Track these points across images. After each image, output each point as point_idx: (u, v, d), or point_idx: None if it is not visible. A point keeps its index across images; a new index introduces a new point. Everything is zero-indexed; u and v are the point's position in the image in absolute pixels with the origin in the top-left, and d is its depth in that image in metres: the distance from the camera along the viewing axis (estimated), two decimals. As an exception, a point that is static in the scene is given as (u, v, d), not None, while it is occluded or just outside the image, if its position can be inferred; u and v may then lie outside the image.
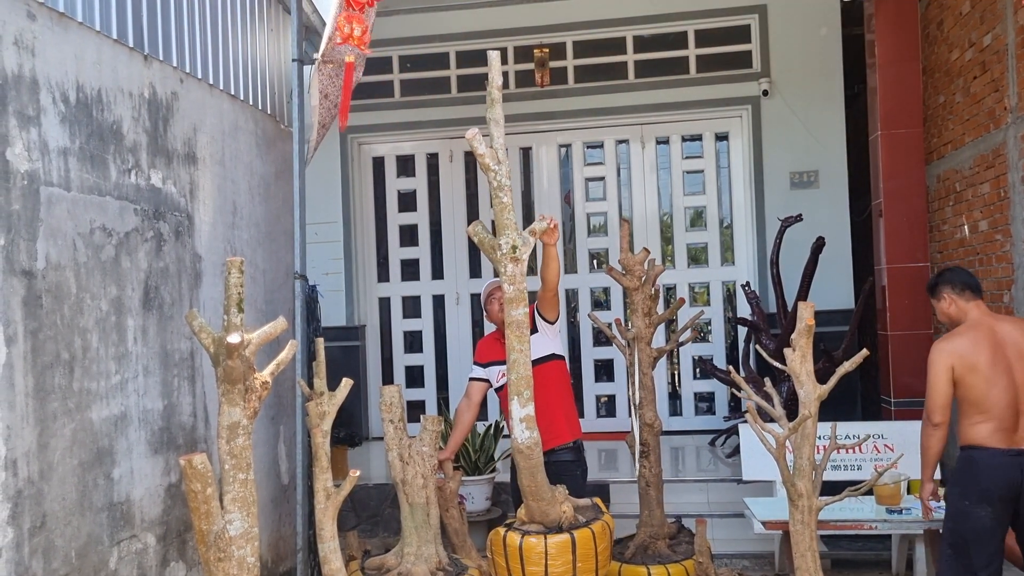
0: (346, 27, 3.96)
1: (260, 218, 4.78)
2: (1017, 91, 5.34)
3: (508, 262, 3.57)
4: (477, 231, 3.64)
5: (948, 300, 3.93)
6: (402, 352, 8.37)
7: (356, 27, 3.98)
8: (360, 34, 4.00)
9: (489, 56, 3.56)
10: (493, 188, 3.59)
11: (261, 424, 4.68)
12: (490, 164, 3.56)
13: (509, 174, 3.63)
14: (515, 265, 3.58)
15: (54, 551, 3.00)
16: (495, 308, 4.45)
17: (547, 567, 3.61)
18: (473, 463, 5.96)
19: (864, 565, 5.38)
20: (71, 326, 3.16)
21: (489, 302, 4.50)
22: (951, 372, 3.75)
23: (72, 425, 3.14)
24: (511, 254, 3.57)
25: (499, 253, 3.58)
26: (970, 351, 3.76)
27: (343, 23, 3.96)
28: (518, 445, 3.60)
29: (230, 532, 2.67)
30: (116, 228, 3.45)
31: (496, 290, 4.47)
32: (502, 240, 3.57)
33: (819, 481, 3.38)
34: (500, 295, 4.44)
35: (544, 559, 3.61)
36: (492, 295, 4.49)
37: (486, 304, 4.54)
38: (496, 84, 3.57)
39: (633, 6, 7.74)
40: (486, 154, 3.55)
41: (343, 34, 3.96)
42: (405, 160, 8.39)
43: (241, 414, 2.72)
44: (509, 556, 3.66)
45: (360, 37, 4.00)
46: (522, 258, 3.60)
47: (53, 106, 3.12)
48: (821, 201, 7.43)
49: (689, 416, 7.97)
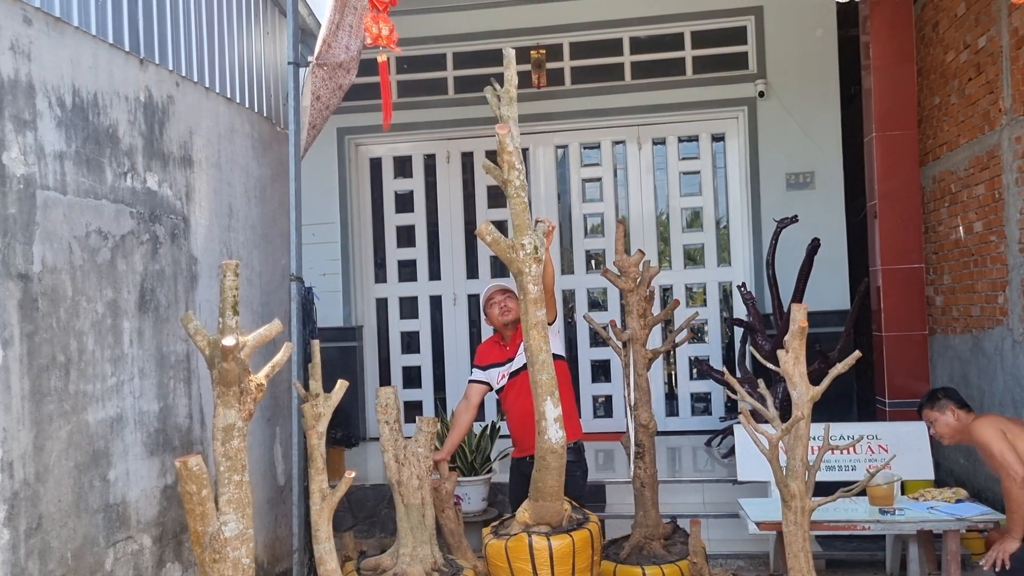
0: (374, 27, 4.02)
1: (256, 220, 4.79)
2: (1012, 93, 5.36)
3: (532, 262, 3.60)
4: (490, 231, 3.61)
5: (951, 411, 4.23)
6: (399, 353, 8.39)
7: (384, 27, 4.03)
8: (388, 33, 4.04)
9: (505, 53, 3.62)
10: (515, 187, 3.62)
11: (257, 426, 4.70)
12: (515, 163, 3.60)
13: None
14: (538, 265, 3.62)
15: (50, 552, 3.02)
16: (495, 312, 4.44)
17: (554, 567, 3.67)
18: (469, 464, 5.97)
19: (858, 566, 5.40)
20: (67, 329, 3.17)
21: (489, 306, 4.49)
22: (1004, 435, 3.97)
23: (68, 427, 3.15)
24: (534, 254, 3.60)
25: (522, 254, 3.60)
26: (1009, 422, 4.07)
27: (371, 24, 4.02)
28: (552, 445, 3.63)
29: (225, 533, 2.68)
30: (112, 231, 3.46)
31: (496, 293, 4.47)
32: (525, 240, 3.60)
33: (812, 482, 3.40)
34: (501, 299, 4.45)
35: (550, 560, 3.67)
36: (492, 299, 4.48)
37: (486, 308, 4.52)
38: (512, 83, 3.61)
39: (630, 8, 7.75)
40: (513, 152, 3.58)
41: (372, 35, 4.02)
42: (402, 161, 8.40)
43: (236, 416, 2.74)
44: (537, 560, 3.69)
45: (388, 36, 4.05)
46: (542, 258, 3.66)
47: (49, 110, 3.14)
48: (817, 202, 7.45)
49: (686, 417, 7.99)
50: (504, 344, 4.52)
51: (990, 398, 5.78)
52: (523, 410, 4.19)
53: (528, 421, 3.93)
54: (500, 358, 4.50)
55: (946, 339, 6.50)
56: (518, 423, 4.39)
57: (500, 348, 4.55)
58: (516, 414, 4.40)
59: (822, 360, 5.95)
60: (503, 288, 4.49)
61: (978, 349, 5.95)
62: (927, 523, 4.30)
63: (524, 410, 4.15)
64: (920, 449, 5.14)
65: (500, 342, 4.56)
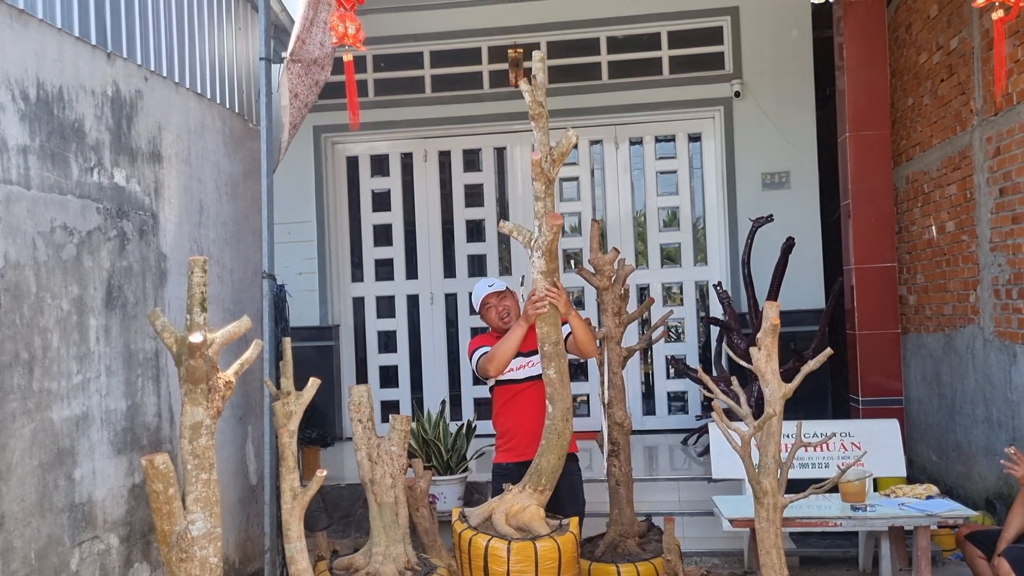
0: (340, 26, 3.97)
1: (228, 217, 4.74)
2: (983, 94, 5.41)
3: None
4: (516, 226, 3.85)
5: None
6: (376, 352, 8.34)
7: (351, 25, 3.99)
8: (355, 32, 4.01)
9: (535, 56, 3.72)
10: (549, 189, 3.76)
11: (228, 424, 4.65)
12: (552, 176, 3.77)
13: None
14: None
15: (13, 552, 2.96)
16: (493, 316, 4.24)
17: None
18: (445, 463, 5.95)
19: (831, 562, 5.43)
20: (31, 325, 3.12)
21: (485, 311, 4.27)
22: None
23: (32, 425, 3.10)
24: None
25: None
26: None
27: (337, 23, 3.97)
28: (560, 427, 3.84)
29: (192, 532, 2.65)
30: (78, 227, 3.41)
31: (490, 298, 4.25)
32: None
33: (784, 479, 3.40)
34: (496, 302, 4.30)
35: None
36: (487, 303, 4.26)
37: (482, 313, 4.31)
38: (539, 81, 3.70)
39: (607, 7, 7.76)
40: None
41: (338, 34, 3.97)
42: (379, 160, 8.37)
43: (204, 414, 2.70)
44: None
45: (355, 35, 4.01)
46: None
47: (12, 103, 3.09)
48: (792, 202, 7.50)
49: (662, 415, 8.01)
50: None
51: (962, 396, 5.84)
52: (536, 412, 3.99)
53: (539, 425, 3.88)
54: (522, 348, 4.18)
55: (919, 338, 6.56)
56: (529, 425, 4.07)
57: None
58: (528, 415, 4.10)
59: (797, 359, 5.98)
60: (496, 291, 4.27)
61: (950, 347, 6.01)
62: (898, 519, 4.33)
63: (537, 412, 3.97)
64: (892, 446, 5.18)
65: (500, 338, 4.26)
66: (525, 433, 4.09)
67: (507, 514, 3.72)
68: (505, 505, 3.76)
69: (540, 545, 3.57)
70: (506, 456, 4.20)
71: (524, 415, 4.12)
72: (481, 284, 4.37)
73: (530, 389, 4.11)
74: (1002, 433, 5.26)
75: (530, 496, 3.76)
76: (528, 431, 4.06)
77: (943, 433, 6.20)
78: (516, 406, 4.17)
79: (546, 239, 3.77)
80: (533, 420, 4.00)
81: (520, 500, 3.76)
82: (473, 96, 7.97)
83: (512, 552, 3.54)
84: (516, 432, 4.17)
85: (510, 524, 3.69)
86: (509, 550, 3.54)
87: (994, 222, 5.29)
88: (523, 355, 4.16)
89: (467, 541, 3.66)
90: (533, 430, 3.98)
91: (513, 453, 4.16)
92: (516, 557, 3.54)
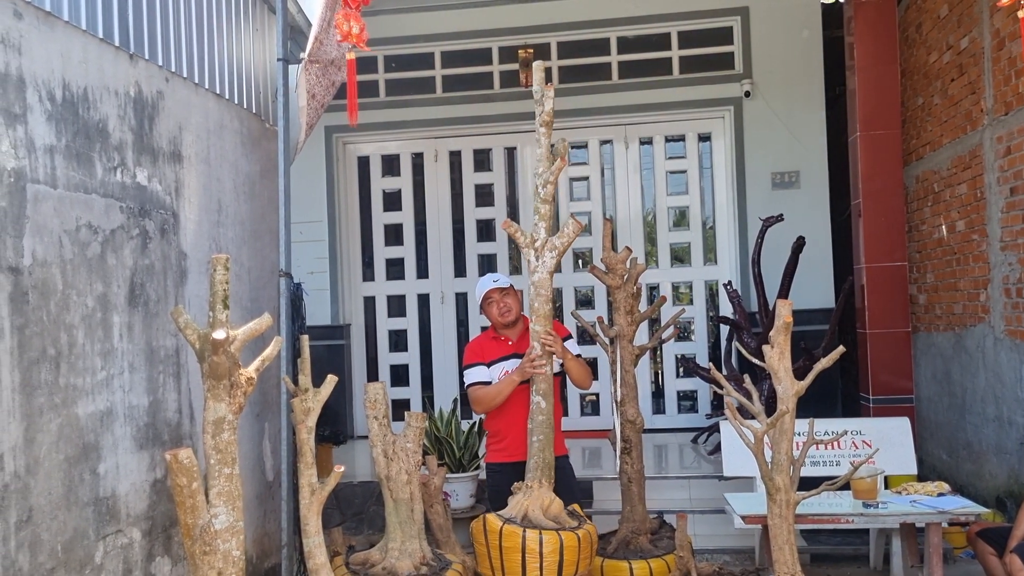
0: (345, 25, 4.01)
1: (245, 216, 4.80)
2: (993, 93, 5.44)
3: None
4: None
5: None
6: (387, 351, 8.40)
7: (355, 25, 4.04)
8: (359, 31, 4.05)
9: (535, 66, 3.94)
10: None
11: (246, 421, 4.70)
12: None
13: None
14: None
15: (40, 545, 3.02)
16: (494, 311, 4.30)
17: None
18: (457, 460, 6.00)
19: (843, 559, 5.46)
20: (57, 322, 3.18)
21: (487, 305, 4.33)
22: None
23: (58, 420, 3.16)
24: None
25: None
26: None
27: (342, 21, 4.01)
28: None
29: (215, 526, 2.70)
30: (102, 225, 3.47)
31: (493, 292, 4.30)
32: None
33: (797, 476, 3.44)
34: (499, 297, 4.34)
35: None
36: (489, 298, 4.31)
37: (483, 307, 4.37)
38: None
39: (617, 8, 7.80)
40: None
41: (343, 32, 4.01)
42: (390, 160, 8.42)
43: (226, 409, 2.76)
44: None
45: (359, 35, 4.05)
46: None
47: (39, 104, 3.14)
48: (802, 201, 7.53)
49: (672, 414, 8.04)
50: (505, 339, 4.35)
51: (972, 394, 5.86)
52: (526, 413, 4.05)
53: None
54: (506, 352, 4.31)
55: (929, 337, 6.58)
56: (521, 425, 4.13)
57: (499, 343, 4.36)
58: (519, 416, 4.15)
59: (807, 358, 6.00)
60: (500, 287, 4.33)
61: (960, 346, 6.03)
62: (910, 516, 4.36)
63: (528, 413, 4.04)
64: (903, 444, 5.21)
65: (498, 338, 4.38)
66: (517, 433, 4.17)
67: (542, 508, 3.83)
68: (535, 501, 3.83)
69: (565, 536, 3.72)
70: (498, 456, 4.30)
71: (515, 416, 4.20)
72: (486, 278, 4.43)
73: (520, 391, 4.17)
74: (1012, 431, 5.28)
75: (547, 490, 3.83)
76: (519, 431, 4.14)
77: (953, 432, 6.22)
78: (507, 407, 4.23)
79: (566, 241, 3.97)
80: (524, 420, 4.10)
81: (544, 494, 3.84)
82: (484, 96, 8.02)
83: (544, 544, 3.69)
84: (508, 432, 4.25)
85: (547, 516, 3.81)
86: (541, 540, 3.70)
87: (1004, 221, 5.31)
88: (503, 359, 4.27)
89: (496, 534, 3.75)
90: (524, 430, 4.08)
91: (504, 453, 4.27)
92: (548, 548, 3.68)
